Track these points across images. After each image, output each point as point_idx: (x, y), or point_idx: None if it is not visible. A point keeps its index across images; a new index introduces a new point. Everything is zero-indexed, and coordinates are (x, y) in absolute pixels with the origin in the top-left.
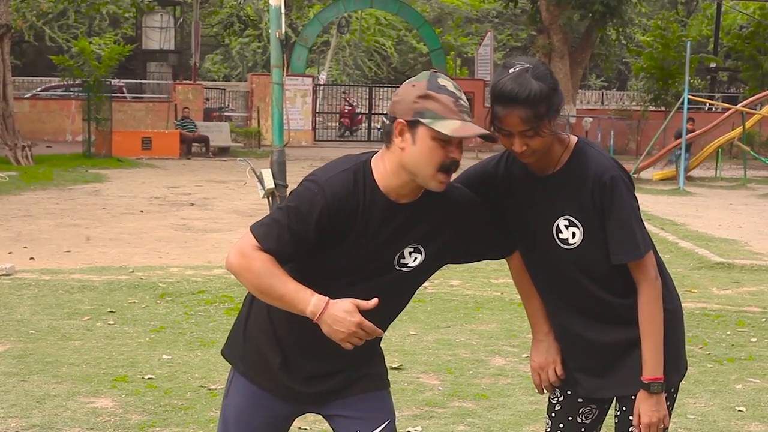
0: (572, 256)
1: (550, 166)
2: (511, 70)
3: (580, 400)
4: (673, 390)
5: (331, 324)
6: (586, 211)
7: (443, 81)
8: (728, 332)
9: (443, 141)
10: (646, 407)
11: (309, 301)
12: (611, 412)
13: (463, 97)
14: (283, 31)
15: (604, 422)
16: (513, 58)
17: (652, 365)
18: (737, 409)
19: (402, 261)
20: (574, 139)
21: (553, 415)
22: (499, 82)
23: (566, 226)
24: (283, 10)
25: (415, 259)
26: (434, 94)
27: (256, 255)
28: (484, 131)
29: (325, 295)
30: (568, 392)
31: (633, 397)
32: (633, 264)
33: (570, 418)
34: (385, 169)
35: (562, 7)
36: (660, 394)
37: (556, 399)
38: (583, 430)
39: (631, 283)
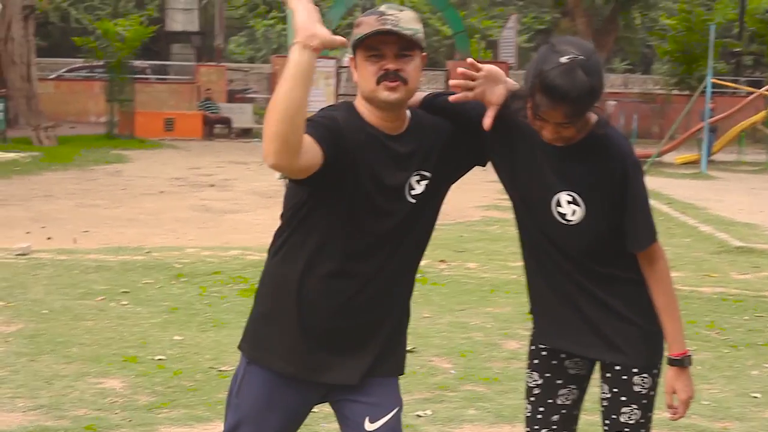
0: (569, 231)
1: (570, 138)
2: (563, 60)
3: (559, 381)
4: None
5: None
6: (596, 192)
7: (382, 7)
8: (746, 317)
9: (374, 56)
10: (681, 383)
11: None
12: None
13: (399, 15)
14: None
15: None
16: (560, 39)
17: (679, 340)
18: (752, 395)
19: (412, 192)
20: (594, 116)
21: (532, 399)
22: (550, 73)
23: (568, 202)
24: None
25: (423, 186)
26: (362, 19)
27: None
28: (380, 28)
29: (346, 235)
30: (547, 375)
31: (617, 368)
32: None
33: (550, 401)
34: (362, 108)
35: None
36: (689, 367)
37: (534, 382)
38: (564, 411)
39: (629, 259)
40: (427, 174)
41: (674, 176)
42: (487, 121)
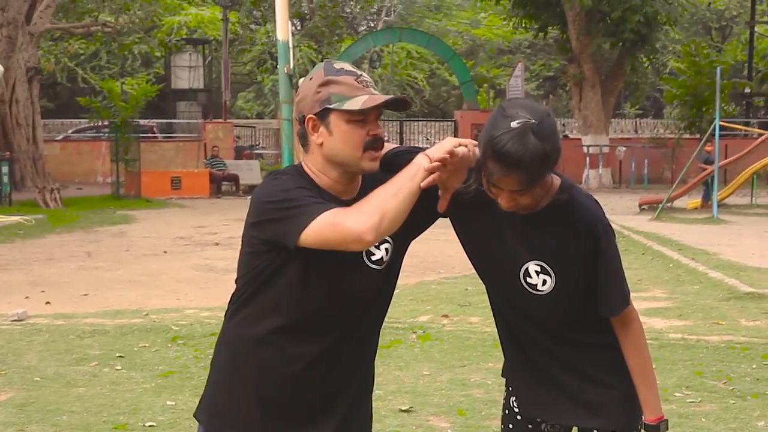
0: (540, 301)
1: (528, 206)
2: (513, 124)
3: None
4: None
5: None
6: (566, 260)
7: (340, 64)
8: (754, 366)
9: (359, 121)
10: None
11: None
12: None
13: (365, 74)
14: (291, 66)
15: None
16: (511, 102)
17: (654, 405)
18: None
19: (372, 258)
20: (557, 180)
21: None
22: (500, 139)
23: (537, 272)
24: (291, 45)
25: (384, 250)
26: (334, 78)
27: (336, 214)
28: (393, 97)
29: (304, 303)
30: None
31: None
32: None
33: None
34: (313, 171)
35: (592, 35)
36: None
37: None
38: None
39: (602, 323)
40: (386, 238)
41: (686, 221)
42: (443, 204)
